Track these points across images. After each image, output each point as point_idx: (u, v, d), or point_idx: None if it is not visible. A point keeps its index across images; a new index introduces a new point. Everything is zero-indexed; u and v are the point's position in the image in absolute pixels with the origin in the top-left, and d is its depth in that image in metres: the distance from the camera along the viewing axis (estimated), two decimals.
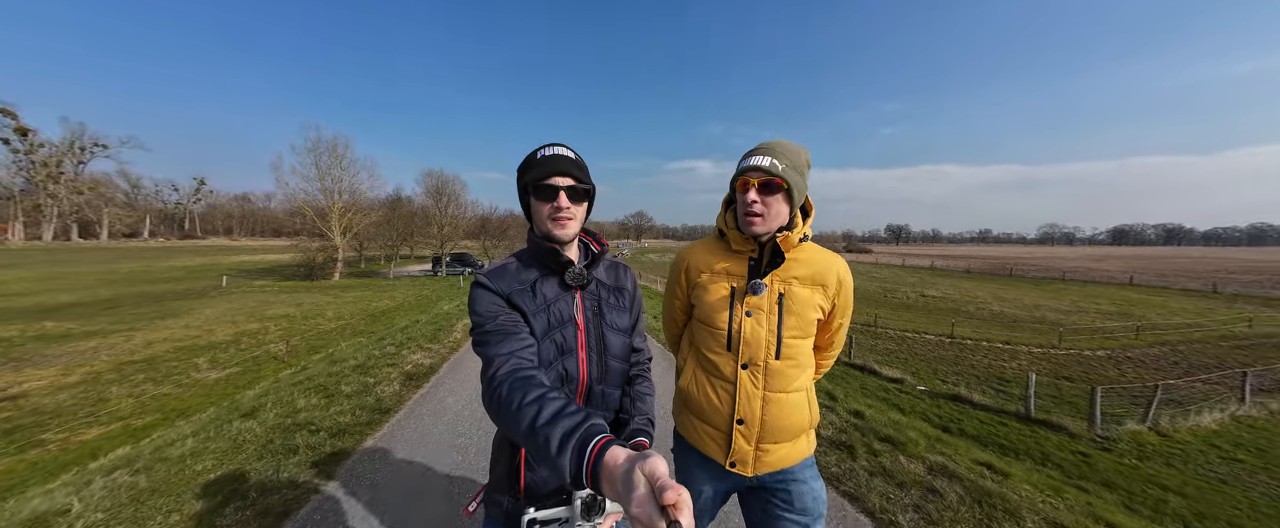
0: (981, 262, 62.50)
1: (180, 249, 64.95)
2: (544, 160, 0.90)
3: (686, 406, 1.19)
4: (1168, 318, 19.25)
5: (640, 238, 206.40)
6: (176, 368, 10.87)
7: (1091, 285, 32.32)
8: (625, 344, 1.03)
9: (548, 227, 0.92)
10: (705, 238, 1.26)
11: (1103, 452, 6.89)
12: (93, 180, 74.88)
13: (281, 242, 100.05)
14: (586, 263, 1.01)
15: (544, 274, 0.96)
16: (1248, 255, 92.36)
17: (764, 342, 1.08)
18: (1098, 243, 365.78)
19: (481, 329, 0.86)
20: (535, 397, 0.68)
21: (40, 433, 7.02)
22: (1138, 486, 5.85)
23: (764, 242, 1.08)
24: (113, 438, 6.53)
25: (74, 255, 45.79)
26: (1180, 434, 7.35)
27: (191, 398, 8.69)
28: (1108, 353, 12.69)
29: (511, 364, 0.79)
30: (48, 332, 14.47)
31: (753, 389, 1.08)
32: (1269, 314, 20.28)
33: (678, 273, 1.24)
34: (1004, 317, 19.39)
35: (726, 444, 1.10)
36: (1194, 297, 26.71)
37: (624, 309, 1.05)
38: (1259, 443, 7.14)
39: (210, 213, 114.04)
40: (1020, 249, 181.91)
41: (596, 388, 0.97)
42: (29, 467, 5.63)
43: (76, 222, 70.57)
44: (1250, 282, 34.44)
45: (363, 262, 37.67)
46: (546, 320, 0.92)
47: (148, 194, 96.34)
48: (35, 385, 9.42)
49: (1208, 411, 7.98)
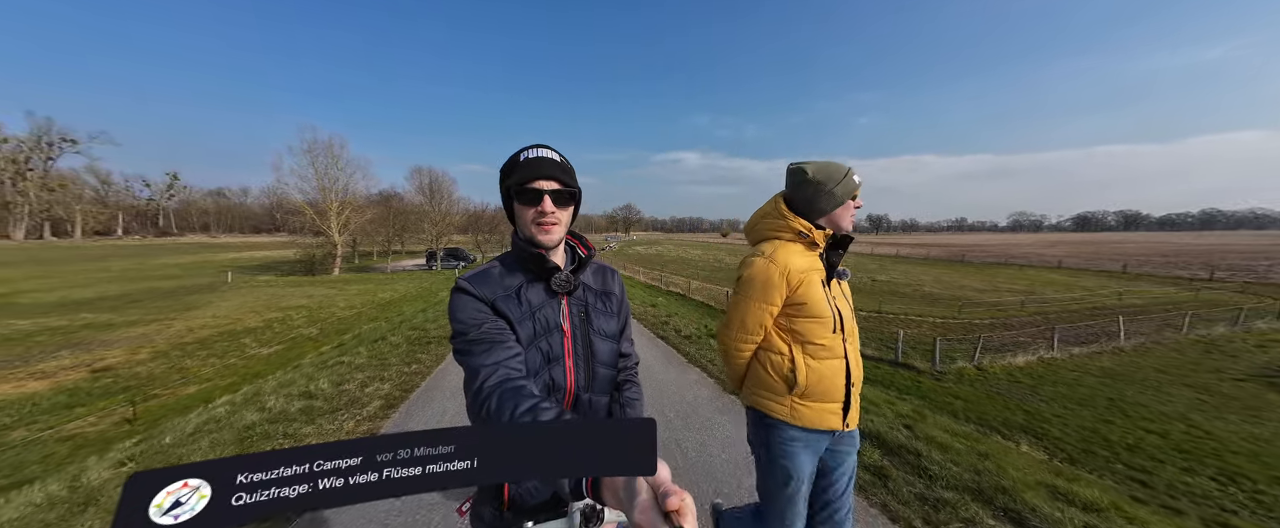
0: (942, 249, 67.15)
1: (162, 247, 63.90)
2: (527, 163, 0.87)
3: (805, 396, 1.28)
4: (1063, 293, 22.92)
5: (629, 230, 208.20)
6: (229, 347, 12.94)
7: (1026, 269, 36.36)
8: (613, 350, 1.02)
9: (532, 232, 0.89)
10: (775, 244, 1.33)
11: (935, 381, 9.82)
12: (61, 177, 72.98)
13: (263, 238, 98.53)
14: (573, 268, 0.98)
15: (529, 279, 0.93)
16: (1185, 240, 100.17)
17: (850, 314, 1.36)
18: (1062, 229, 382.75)
19: (464, 338, 0.83)
20: (528, 408, 0.67)
21: (149, 390, 9.20)
22: (942, 398, 8.77)
23: (838, 236, 1.35)
24: (212, 392, 8.75)
25: (56, 254, 45.61)
26: (994, 370, 10.35)
27: (256, 366, 10.88)
28: (991, 321, 15.86)
29: (500, 374, 0.77)
30: (91, 322, 16.23)
31: (854, 354, 1.34)
32: (1144, 289, 24.17)
33: (777, 278, 1.27)
34: (931, 296, 22.73)
35: (844, 410, 1.30)
36: (1103, 277, 30.76)
37: (612, 314, 1.04)
38: (1043, 373, 10.18)
39: (185, 209, 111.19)
40: (989, 236, 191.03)
41: (584, 396, 0.95)
42: (160, 407, 7.87)
43: (48, 220, 69.03)
44: (1163, 263, 39.08)
45: (356, 257, 39.12)
46: (532, 328, 0.90)
47: (118, 191, 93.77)
48: (115, 361, 11.46)
49: (1021, 354, 11.06)
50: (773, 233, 1.34)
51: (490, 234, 40.08)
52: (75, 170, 79.33)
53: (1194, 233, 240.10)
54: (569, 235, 1.02)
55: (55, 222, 72.66)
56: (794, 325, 1.29)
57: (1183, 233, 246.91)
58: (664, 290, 20.75)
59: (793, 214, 1.30)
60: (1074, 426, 7.39)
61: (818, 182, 1.28)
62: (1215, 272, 31.58)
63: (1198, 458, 6.33)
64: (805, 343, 1.27)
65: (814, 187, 1.29)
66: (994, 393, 9.06)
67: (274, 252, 50.78)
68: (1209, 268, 33.31)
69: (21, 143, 68.03)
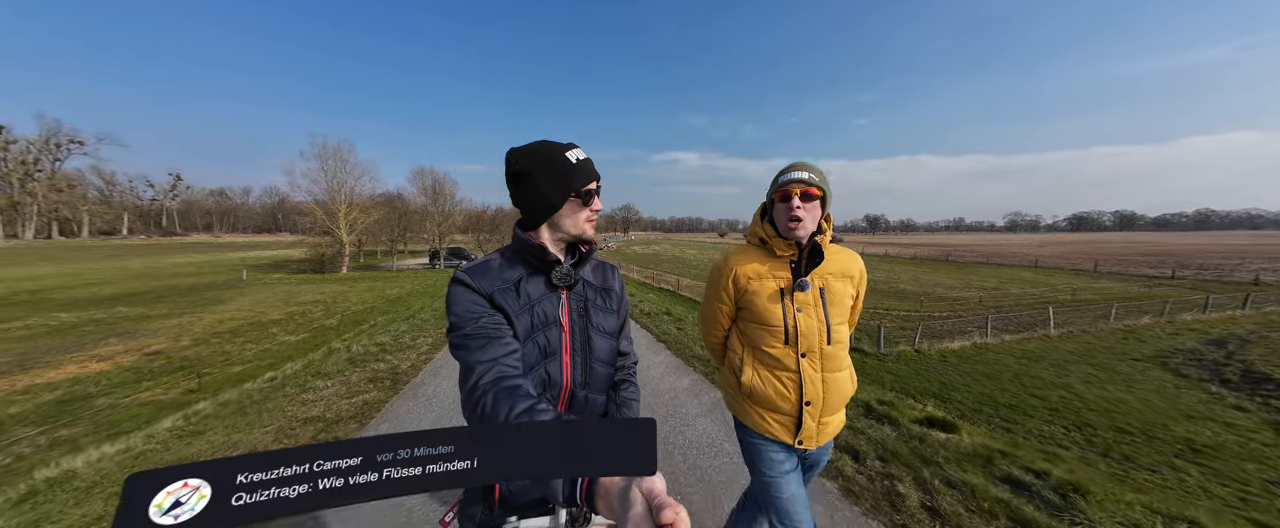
0: (932, 249, 68.94)
1: (170, 247, 64.71)
2: (582, 165, 0.91)
3: (752, 399, 1.31)
4: (1026, 289, 24.60)
5: (628, 230, 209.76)
6: (261, 334, 14.33)
7: (1003, 268, 38.01)
8: (612, 348, 1.02)
9: (583, 228, 0.94)
10: (741, 246, 1.39)
11: (878, 361, 11.40)
12: (67, 178, 74.28)
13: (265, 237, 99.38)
14: (574, 262, 0.97)
15: (529, 273, 0.93)
16: (1172, 240, 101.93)
17: (817, 331, 1.25)
18: (1058, 230, 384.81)
19: (461, 331, 0.83)
20: (524, 409, 0.67)
21: (201, 369, 10.68)
22: (878, 374, 10.34)
23: (804, 245, 1.25)
24: (257, 370, 10.22)
25: (70, 254, 46.81)
26: (930, 353, 11.93)
27: (290, 351, 12.27)
28: (947, 314, 17.46)
29: (496, 372, 0.77)
30: (128, 315, 17.64)
31: (814, 373, 1.26)
32: (1104, 286, 25.84)
33: (724, 279, 1.33)
34: (903, 292, 24.32)
35: (795, 426, 1.27)
36: (1071, 274, 32.47)
37: (611, 311, 1.04)
38: (972, 355, 11.77)
39: (187, 209, 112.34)
40: (984, 236, 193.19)
41: (580, 394, 0.95)
42: (214, 382, 9.34)
43: (55, 220, 70.33)
44: (1139, 262, 40.83)
45: (361, 256, 40.60)
46: (530, 321, 0.90)
47: (122, 191, 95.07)
48: (162, 347, 12.89)
49: (958, 340, 12.65)
50: (749, 237, 1.39)
51: (491, 234, 41.56)
52: (80, 171, 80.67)
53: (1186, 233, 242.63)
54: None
55: (61, 222, 73.94)
56: (745, 329, 1.33)
57: (1177, 233, 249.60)
58: (655, 287, 22.14)
59: (761, 221, 1.33)
60: (975, 393, 8.97)
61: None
62: (1177, 271, 33.29)
63: (1062, 415, 7.92)
64: (754, 348, 1.30)
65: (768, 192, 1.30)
66: (923, 370, 10.65)
67: (281, 251, 52.12)
68: (1172, 267, 35.06)
69: (30, 144, 69.31)
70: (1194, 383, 9.57)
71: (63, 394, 8.75)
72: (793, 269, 1.28)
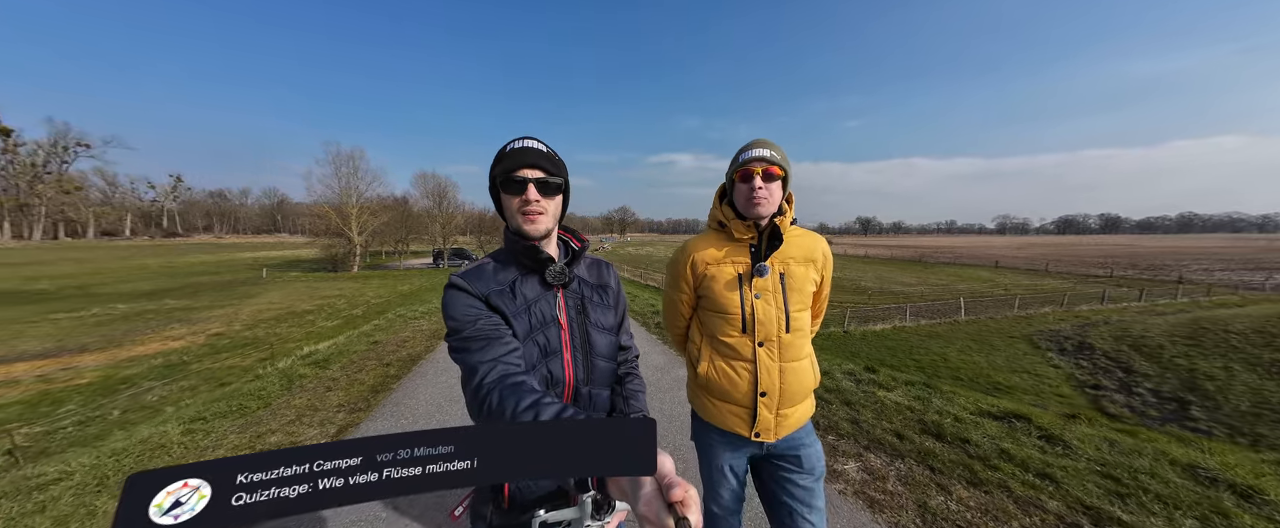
0: (908, 250, 72.36)
1: (177, 247, 66.11)
2: (513, 153, 0.89)
3: (707, 390, 1.27)
4: (970, 285, 27.66)
5: (624, 232, 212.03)
6: (300, 321, 16.53)
7: (965, 268, 41.19)
8: (612, 343, 1.03)
9: (518, 221, 0.91)
10: (702, 233, 1.33)
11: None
12: (72, 180, 75.80)
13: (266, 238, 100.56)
14: (567, 260, 0.99)
15: (523, 274, 0.94)
16: (1144, 242, 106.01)
17: (775, 319, 1.20)
18: (1046, 232, 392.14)
19: (460, 335, 0.84)
20: (530, 403, 0.67)
21: (264, 346, 13.14)
22: None
23: (763, 227, 1.20)
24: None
25: (81, 254, 48.80)
26: (857, 333, 14.76)
27: (331, 332, 14.63)
28: (890, 305, 20.33)
29: (499, 370, 0.78)
30: (176, 306, 20.00)
31: (770, 363, 1.20)
32: (1043, 283, 29.02)
33: (681, 267, 1.30)
34: (861, 289, 27.22)
35: (750, 418, 1.21)
36: (1022, 274, 35.69)
37: (609, 307, 1.05)
38: (890, 334, 14.60)
39: (188, 210, 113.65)
40: (972, 238, 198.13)
41: (583, 390, 0.96)
42: (274, 354, 11.93)
43: (62, 221, 71.84)
44: (1094, 263, 44.36)
45: (368, 256, 43.06)
46: (528, 322, 0.91)
47: (124, 192, 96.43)
48: (219, 330, 15.22)
49: (882, 323, 15.51)
50: (709, 221, 1.34)
51: (491, 235, 43.70)
52: (83, 173, 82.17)
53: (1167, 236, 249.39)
54: (561, 230, 1.04)
55: (67, 222, 75.41)
56: (703, 318, 1.30)
57: (1158, 236, 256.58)
58: (643, 284, 24.74)
59: (720, 204, 1.28)
60: (873, 358, 11.79)
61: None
62: (1123, 270, 36.68)
63: (927, 371, 10.73)
64: (711, 337, 1.27)
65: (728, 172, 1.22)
66: (845, 345, 13.47)
67: (289, 251, 54.39)
68: (1114, 268, 38.57)
69: (39, 147, 70.91)
70: (1040, 353, 12.42)
71: (162, 362, 11.31)
72: (752, 253, 1.24)
